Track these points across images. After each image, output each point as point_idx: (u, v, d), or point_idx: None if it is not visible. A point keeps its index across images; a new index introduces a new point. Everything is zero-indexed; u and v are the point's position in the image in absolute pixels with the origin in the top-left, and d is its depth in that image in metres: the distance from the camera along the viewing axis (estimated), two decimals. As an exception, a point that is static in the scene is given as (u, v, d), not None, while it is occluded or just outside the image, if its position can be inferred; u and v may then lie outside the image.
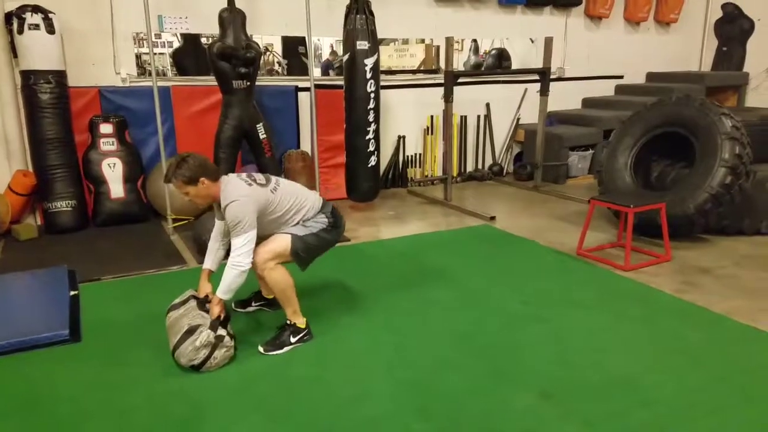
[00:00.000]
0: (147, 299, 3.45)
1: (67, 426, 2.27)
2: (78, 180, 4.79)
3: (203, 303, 2.81)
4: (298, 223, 2.86)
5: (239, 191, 2.67)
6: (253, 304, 3.28)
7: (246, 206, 2.64)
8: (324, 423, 2.27)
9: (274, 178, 2.89)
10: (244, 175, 2.83)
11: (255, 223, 2.66)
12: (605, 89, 7.73)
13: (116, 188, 4.87)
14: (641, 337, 2.94)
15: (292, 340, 2.84)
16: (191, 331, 2.61)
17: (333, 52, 6.01)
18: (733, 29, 8.06)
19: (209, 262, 2.99)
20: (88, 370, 2.66)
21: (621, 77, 7.84)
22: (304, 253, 2.83)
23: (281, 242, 2.78)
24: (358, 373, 2.63)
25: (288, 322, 2.87)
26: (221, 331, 2.66)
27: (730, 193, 4.12)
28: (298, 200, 2.87)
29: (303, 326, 2.89)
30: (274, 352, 2.78)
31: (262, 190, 2.75)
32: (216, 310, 2.69)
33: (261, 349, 2.79)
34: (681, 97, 4.56)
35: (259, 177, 2.85)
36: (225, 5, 4.66)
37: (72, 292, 3.47)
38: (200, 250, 4.12)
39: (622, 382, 2.52)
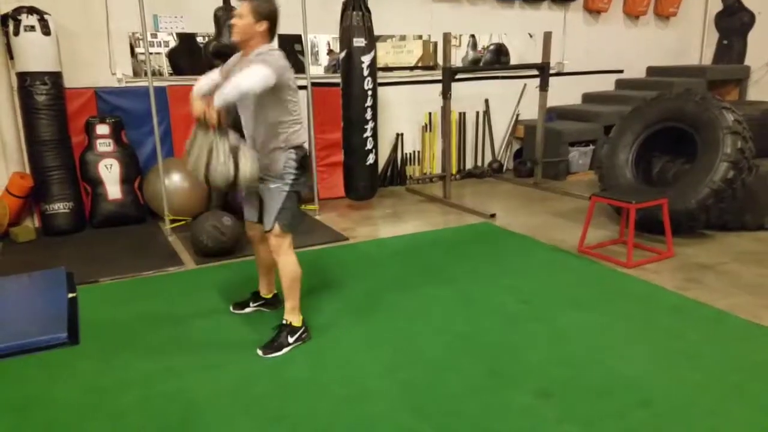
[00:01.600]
0: (145, 300, 3.43)
1: (63, 429, 2.26)
2: (75, 181, 4.77)
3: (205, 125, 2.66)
4: (282, 144, 2.73)
5: (278, 53, 2.66)
6: (251, 305, 3.26)
7: (278, 60, 2.62)
8: (321, 423, 2.25)
9: None
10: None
11: (275, 75, 2.55)
12: (605, 84, 7.69)
13: (113, 189, 4.85)
14: (642, 335, 2.92)
15: (290, 340, 2.82)
16: (209, 152, 2.56)
17: (331, 51, 5.98)
18: (733, 22, 8.01)
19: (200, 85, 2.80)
20: (86, 373, 2.64)
21: (621, 72, 7.79)
22: (287, 219, 2.78)
23: (275, 228, 2.76)
24: (355, 372, 2.61)
25: (284, 321, 2.85)
26: (232, 140, 2.59)
27: (732, 188, 4.09)
28: (299, 114, 2.80)
29: (299, 325, 2.87)
30: (273, 355, 2.76)
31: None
32: (213, 113, 2.56)
33: (260, 352, 2.77)
34: (681, 92, 4.53)
35: None
36: (220, 4, 4.63)
37: (70, 295, 3.45)
38: (198, 251, 4.10)
39: (622, 381, 2.50)
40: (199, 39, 5.28)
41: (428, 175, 6.48)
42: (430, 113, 6.46)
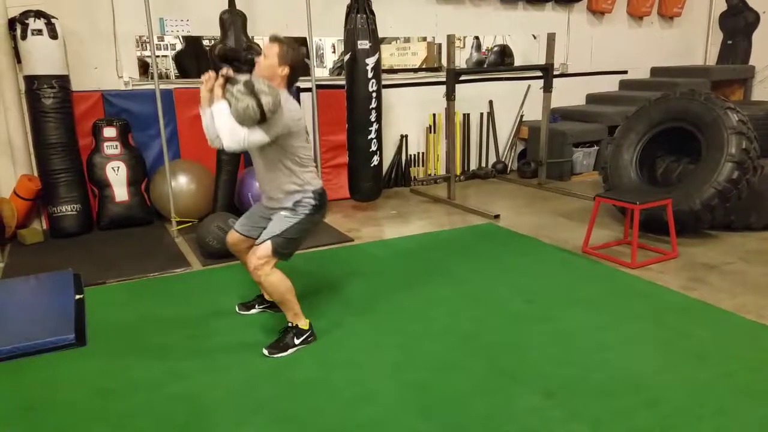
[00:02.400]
0: (152, 302, 3.45)
1: (70, 431, 2.27)
2: (82, 184, 4.80)
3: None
4: (290, 203, 2.77)
5: (296, 103, 2.74)
6: (257, 306, 3.28)
7: (296, 110, 2.69)
8: (327, 424, 2.26)
9: None
10: None
11: (275, 134, 2.59)
12: (609, 85, 7.69)
13: (120, 191, 4.88)
14: (648, 335, 2.92)
15: (296, 341, 2.83)
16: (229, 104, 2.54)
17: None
18: (737, 22, 8.00)
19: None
20: (93, 374, 2.66)
21: (625, 72, 7.79)
22: (283, 248, 2.76)
23: (263, 247, 2.73)
24: (361, 373, 2.62)
25: (290, 324, 2.86)
26: (240, 78, 2.55)
27: (737, 189, 4.09)
28: (309, 160, 2.83)
29: (306, 327, 2.88)
30: (278, 355, 2.77)
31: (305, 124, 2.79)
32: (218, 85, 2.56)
33: (265, 352, 2.78)
34: (686, 92, 4.53)
35: None
36: (225, 7, 4.66)
37: (77, 296, 3.47)
38: (204, 252, 4.12)
39: (628, 381, 2.50)
40: (205, 42, 5.32)
41: (432, 176, 6.49)
42: (434, 115, 6.47)
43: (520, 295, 3.44)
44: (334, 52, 5.96)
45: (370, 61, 4.95)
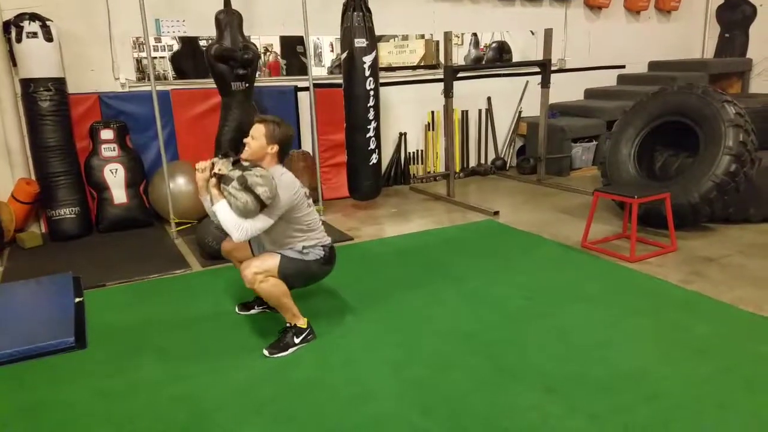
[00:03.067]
0: (152, 304, 3.46)
1: (72, 433, 2.28)
2: (81, 187, 4.80)
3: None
4: (299, 247, 2.83)
5: (290, 176, 2.78)
6: (256, 306, 3.28)
7: (291, 185, 2.73)
8: (328, 423, 2.27)
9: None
10: None
11: (277, 215, 2.69)
12: (607, 79, 7.68)
13: (119, 194, 4.88)
14: (647, 329, 2.92)
15: (296, 341, 2.83)
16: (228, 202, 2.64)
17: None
18: (735, 15, 7.99)
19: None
20: (93, 377, 2.67)
21: (623, 67, 7.78)
22: (292, 277, 2.82)
23: (270, 260, 2.77)
24: (361, 372, 2.62)
25: (288, 324, 2.87)
26: (234, 175, 2.62)
27: (735, 181, 4.08)
28: (315, 222, 2.89)
29: (305, 326, 2.88)
30: (279, 355, 2.77)
31: (303, 190, 2.83)
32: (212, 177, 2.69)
33: (266, 352, 2.79)
34: (683, 86, 4.52)
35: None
36: (221, 7, 4.65)
37: (77, 299, 3.48)
38: (204, 253, 4.13)
39: (628, 375, 2.50)
40: (202, 42, 5.31)
41: (432, 174, 6.49)
42: (433, 112, 6.47)
43: (519, 291, 3.44)
44: (332, 50, 5.95)
45: (368, 59, 4.94)
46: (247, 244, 2.99)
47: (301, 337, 2.85)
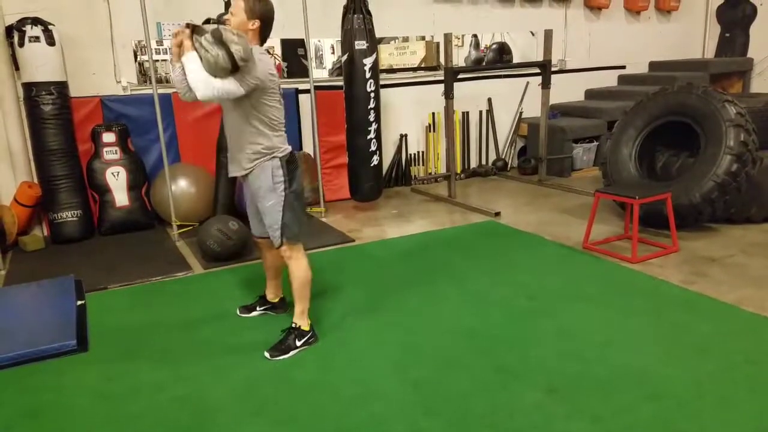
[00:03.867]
0: (153, 306, 3.46)
1: (75, 436, 2.28)
2: (82, 189, 4.81)
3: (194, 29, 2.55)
4: (257, 151, 2.71)
5: (269, 58, 2.65)
6: (257, 308, 3.28)
7: (269, 63, 2.61)
8: (330, 424, 2.27)
9: None
10: None
11: (248, 86, 2.53)
12: (608, 80, 7.68)
13: (120, 196, 4.89)
14: (649, 329, 2.92)
15: (298, 343, 2.83)
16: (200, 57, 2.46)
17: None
18: (735, 14, 7.99)
19: None
20: (96, 380, 2.67)
21: (623, 67, 7.78)
22: (291, 233, 2.79)
23: (282, 247, 2.79)
24: (363, 373, 2.62)
25: (293, 324, 2.87)
26: (207, 29, 2.49)
27: (736, 181, 4.08)
28: (281, 124, 2.77)
29: (307, 329, 2.89)
30: (280, 357, 2.78)
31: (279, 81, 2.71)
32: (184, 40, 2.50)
33: (267, 354, 2.79)
34: (683, 86, 4.52)
35: None
36: (222, 10, 4.66)
37: (79, 302, 3.46)
38: (205, 256, 4.13)
39: (630, 375, 2.50)
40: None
41: (433, 175, 6.49)
42: (433, 113, 6.47)
43: (521, 291, 3.44)
44: (333, 53, 5.96)
45: (368, 62, 4.95)
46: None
47: (303, 340, 2.85)
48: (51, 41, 4.49)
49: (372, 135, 5.12)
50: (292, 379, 2.60)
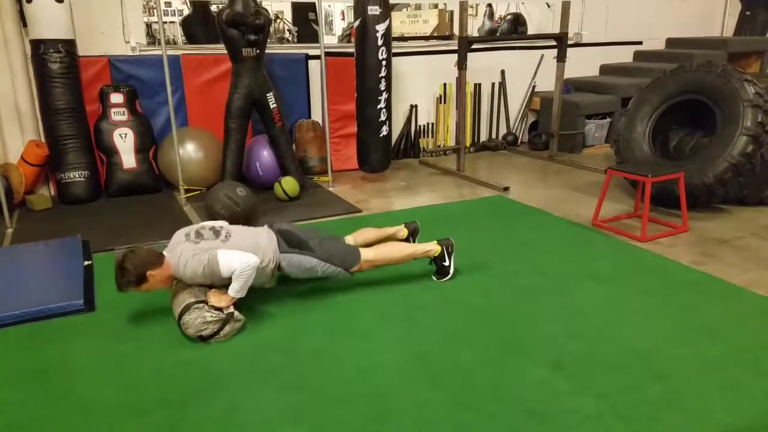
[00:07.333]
0: (160, 270, 3.45)
1: (79, 396, 2.29)
2: (90, 150, 4.79)
3: None
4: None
5: (188, 252, 2.67)
6: None
7: (207, 253, 2.66)
8: (334, 393, 2.27)
9: (225, 229, 2.86)
10: (183, 235, 2.81)
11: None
12: (624, 55, 7.53)
13: (128, 159, 4.86)
14: (657, 309, 2.90)
15: (446, 262, 3.22)
16: (200, 303, 2.61)
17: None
18: (757, -8, 7.79)
19: None
20: (102, 341, 2.68)
21: (640, 43, 7.63)
22: (339, 258, 3.01)
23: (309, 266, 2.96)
24: (369, 345, 2.62)
25: (431, 258, 3.22)
26: (232, 308, 2.67)
27: (751, 163, 4.02)
28: (256, 245, 2.83)
29: (439, 249, 3.21)
30: (445, 279, 3.23)
31: (213, 243, 2.73)
32: (225, 303, 2.67)
33: (434, 278, 3.25)
34: (702, 63, 4.42)
35: (206, 230, 2.81)
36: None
37: (86, 262, 3.48)
38: (212, 219, 4.11)
39: (637, 355, 2.49)
40: (213, 7, 5.23)
41: (442, 148, 6.43)
42: (444, 84, 6.38)
43: (529, 267, 3.42)
44: (343, 18, 5.85)
45: (381, 28, 4.85)
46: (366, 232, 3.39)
47: (446, 256, 3.21)
48: (59, -2, 4.42)
49: (382, 104, 5.04)
50: (299, 347, 2.61)
